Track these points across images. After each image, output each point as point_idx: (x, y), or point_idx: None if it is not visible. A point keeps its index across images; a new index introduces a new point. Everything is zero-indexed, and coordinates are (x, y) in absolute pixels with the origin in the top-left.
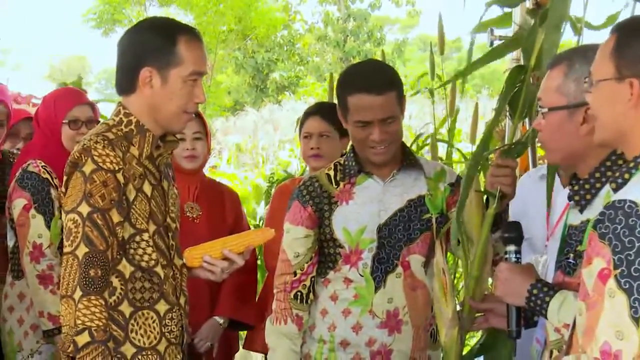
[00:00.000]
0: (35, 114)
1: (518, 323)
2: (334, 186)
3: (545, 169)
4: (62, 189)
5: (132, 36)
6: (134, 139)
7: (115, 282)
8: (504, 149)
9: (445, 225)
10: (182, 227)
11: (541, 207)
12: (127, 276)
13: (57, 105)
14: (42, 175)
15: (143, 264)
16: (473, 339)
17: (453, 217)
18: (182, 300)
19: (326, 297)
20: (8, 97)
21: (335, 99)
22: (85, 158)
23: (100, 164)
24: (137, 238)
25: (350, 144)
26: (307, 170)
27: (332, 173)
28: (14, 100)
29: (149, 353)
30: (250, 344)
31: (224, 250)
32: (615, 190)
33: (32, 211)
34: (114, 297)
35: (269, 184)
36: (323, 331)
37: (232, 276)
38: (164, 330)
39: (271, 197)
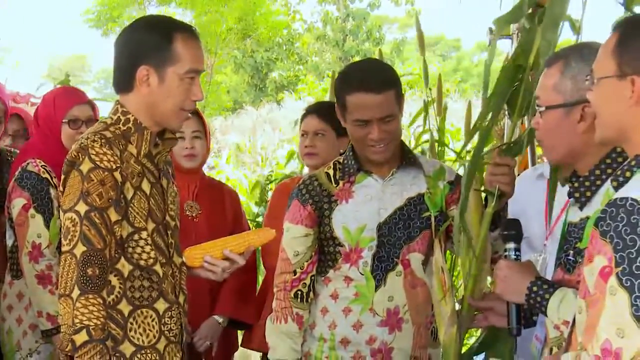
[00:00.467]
0: (35, 113)
1: (518, 320)
2: (334, 185)
3: (543, 168)
4: (60, 187)
5: (128, 35)
6: (132, 137)
7: (114, 280)
8: (502, 147)
9: (445, 224)
10: (181, 226)
11: (539, 206)
12: (125, 275)
13: (57, 105)
14: (42, 175)
15: (142, 263)
16: (472, 339)
17: (456, 217)
18: (181, 298)
19: (326, 295)
20: (6, 95)
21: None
22: (83, 157)
23: (98, 163)
24: (135, 236)
25: (350, 142)
26: (306, 169)
27: (331, 172)
28: (13, 100)
29: (148, 352)
30: (247, 342)
31: (224, 250)
32: (617, 188)
33: (32, 211)
34: (112, 296)
35: (267, 182)
36: (323, 329)
37: (232, 275)
38: (163, 329)
39: (270, 196)
